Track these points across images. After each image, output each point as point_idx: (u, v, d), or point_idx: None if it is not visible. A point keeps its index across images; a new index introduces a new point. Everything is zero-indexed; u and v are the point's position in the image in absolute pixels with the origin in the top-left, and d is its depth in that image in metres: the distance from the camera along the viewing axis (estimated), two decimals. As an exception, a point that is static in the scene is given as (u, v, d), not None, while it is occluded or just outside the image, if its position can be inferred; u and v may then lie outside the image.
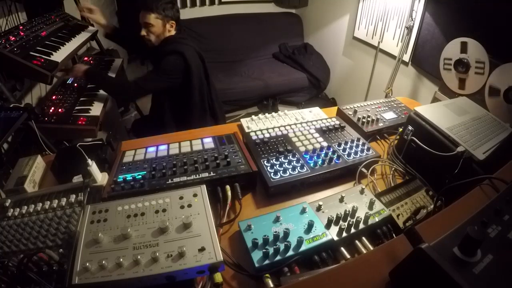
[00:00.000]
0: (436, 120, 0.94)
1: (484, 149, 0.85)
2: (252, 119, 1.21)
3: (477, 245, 0.44)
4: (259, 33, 3.61)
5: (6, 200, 0.77)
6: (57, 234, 0.68)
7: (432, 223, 0.60)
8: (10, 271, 0.59)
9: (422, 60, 2.12)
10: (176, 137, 1.13)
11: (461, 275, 0.40)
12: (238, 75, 3.22)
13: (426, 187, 0.92)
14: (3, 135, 0.98)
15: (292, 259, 0.66)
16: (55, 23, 1.72)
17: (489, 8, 1.55)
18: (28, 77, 1.45)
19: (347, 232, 0.73)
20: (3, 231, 0.69)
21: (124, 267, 0.54)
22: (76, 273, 0.54)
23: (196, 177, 0.85)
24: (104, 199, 0.78)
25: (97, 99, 1.62)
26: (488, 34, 1.47)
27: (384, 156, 1.10)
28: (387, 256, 0.52)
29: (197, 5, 3.48)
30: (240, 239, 0.73)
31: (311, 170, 0.92)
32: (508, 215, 0.52)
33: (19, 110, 1.09)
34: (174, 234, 0.60)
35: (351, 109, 1.29)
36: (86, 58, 2.06)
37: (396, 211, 0.82)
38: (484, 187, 0.69)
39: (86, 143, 0.98)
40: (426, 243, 0.43)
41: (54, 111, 1.46)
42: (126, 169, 0.91)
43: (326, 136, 1.10)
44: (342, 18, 3.05)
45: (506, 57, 1.32)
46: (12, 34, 1.35)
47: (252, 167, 0.89)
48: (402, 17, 2.27)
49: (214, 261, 0.55)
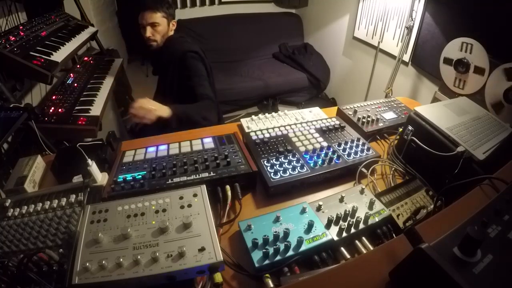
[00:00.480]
0: (436, 120, 0.94)
1: (484, 149, 0.85)
2: (252, 119, 1.21)
3: (477, 245, 0.44)
4: (259, 33, 3.61)
5: (6, 200, 0.77)
6: (57, 234, 0.68)
7: (432, 223, 0.60)
8: (10, 271, 0.59)
9: (422, 60, 2.12)
10: (176, 137, 1.13)
11: (461, 275, 0.40)
12: (238, 75, 3.22)
13: (426, 187, 0.91)
14: (3, 135, 0.98)
15: (292, 259, 0.66)
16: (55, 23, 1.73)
17: (489, 8, 1.55)
18: (28, 77, 1.45)
19: (347, 232, 0.72)
20: (3, 231, 0.69)
21: (124, 267, 0.54)
22: (76, 273, 0.54)
23: (196, 177, 0.85)
24: (104, 199, 0.78)
25: (97, 99, 1.62)
26: (488, 34, 1.47)
27: (384, 156, 1.10)
28: (387, 256, 0.52)
29: (197, 5, 3.48)
30: (240, 239, 0.73)
31: (311, 170, 0.92)
32: (508, 215, 0.52)
33: (19, 110, 1.09)
34: (174, 234, 0.60)
35: (351, 109, 1.29)
36: (86, 58, 2.07)
37: (396, 211, 0.82)
38: (484, 187, 0.69)
39: (86, 143, 0.98)
40: (426, 243, 0.43)
41: (54, 111, 1.46)
42: (126, 169, 0.91)
43: (326, 136, 1.10)
44: (342, 18, 3.05)
45: (506, 57, 1.32)
46: (12, 34, 1.35)
47: (252, 167, 0.89)
48: (402, 17, 2.27)
49: (214, 261, 0.55)
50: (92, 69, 1.94)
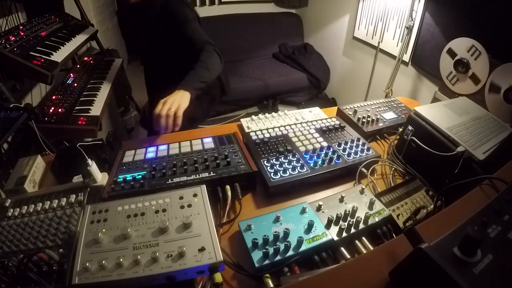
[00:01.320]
0: (436, 120, 0.94)
1: (484, 149, 0.85)
2: (252, 119, 1.21)
3: (477, 245, 0.44)
4: (259, 33, 3.61)
5: (6, 200, 0.77)
6: (57, 234, 0.68)
7: (432, 223, 0.60)
8: (10, 271, 0.59)
9: (422, 60, 2.12)
10: (176, 137, 1.13)
11: (461, 275, 0.40)
12: (238, 75, 3.22)
13: (426, 187, 0.91)
14: (3, 135, 0.98)
15: (292, 259, 0.66)
16: (55, 23, 1.73)
17: (490, 8, 1.55)
18: (28, 77, 1.45)
19: (347, 232, 0.72)
20: (3, 231, 0.69)
21: (124, 267, 0.54)
22: (76, 273, 0.54)
23: (196, 177, 0.85)
24: (104, 199, 0.78)
25: (97, 99, 1.62)
26: (489, 34, 1.47)
27: (384, 156, 1.10)
28: (387, 256, 0.52)
29: (197, 5, 3.48)
30: (240, 239, 0.73)
31: (311, 170, 0.92)
32: (508, 215, 0.52)
33: (19, 110, 1.09)
34: (174, 234, 0.60)
35: (351, 109, 1.29)
36: (86, 58, 2.07)
37: (396, 211, 0.82)
38: (484, 187, 0.69)
39: (86, 143, 0.98)
40: (426, 243, 0.43)
41: (54, 111, 1.46)
42: (126, 169, 0.91)
43: (326, 136, 1.10)
44: (342, 18, 3.05)
45: (506, 57, 1.32)
46: (12, 34, 1.35)
47: (252, 167, 0.89)
48: (402, 17, 2.27)
49: (214, 261, 0.55)
50: (92, 69, 1.94)
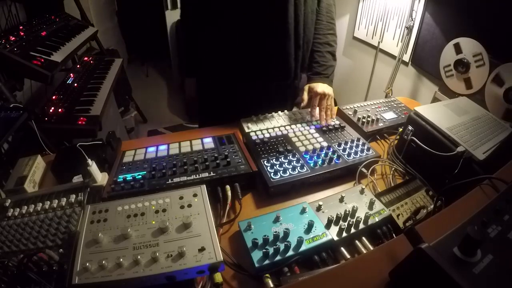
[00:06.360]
0: (436, 120, 0.94)
1: (484, 149, 0.85)
2: (252, 119, 1.21)
3: (477, 245, 0.44)
4: (259, 33, 3.60)
5: (6, 200, 0.77)
6: (57, 234, 0.67)
7: (432, 223, 0.60)
8: (10, 271, 0.59)
9: (422, 60, 2.12)
10: (176, 137, 1.13)
11: (461, 275, 0.40)
12: (238, 75, 3.21)
13: (426, 187, 0.91)
14: (3, 135, 0.98)
15: (292, 259, 0.66)
16: (55, 23, 1.73)
17: (489, 8, 1.55)
18: (28, 77, 1.45)
19: (347, 232, 0.72)
20: (3, 231, 0.69)
21: (124, 267, 0.54)
22: (76, 273, 0.54)
23: (196, 177, 0.85)
24: (104, 199, 0.78)
25: (97, 99, 1.62)
26: (489, 34, 1.47)
27: (384, 156, 1.10)
28: (387, 256, 0.52)
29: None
30: (240, 239, 0.73)
31: (311, 170, 0.92)
32: (508, 215, 0.52)
33: (19, 110, 1.09)
34: (174, 234, 0.60)
35: (351, 109, 1.29)
36: (86, 58, 2.07)
37: (396, 211, 0.82)
38: (484, 187, 0.69)
39: (86, 143, 0.98)
40: (426, 243, 0.43)
41: (54, 111, 1.46)
42: (126, 169, 0.91)
43: (326, 136, 1.10)
44: (342, 18, 3.05)
45: (506, 57, 1.32)
46: (12, 34, 1.35)
47: (252, 167, 0.89)
48: (402, 17, 2.27)
49: (214, 261, 0.55)
50: (92, 69, 1.94)
